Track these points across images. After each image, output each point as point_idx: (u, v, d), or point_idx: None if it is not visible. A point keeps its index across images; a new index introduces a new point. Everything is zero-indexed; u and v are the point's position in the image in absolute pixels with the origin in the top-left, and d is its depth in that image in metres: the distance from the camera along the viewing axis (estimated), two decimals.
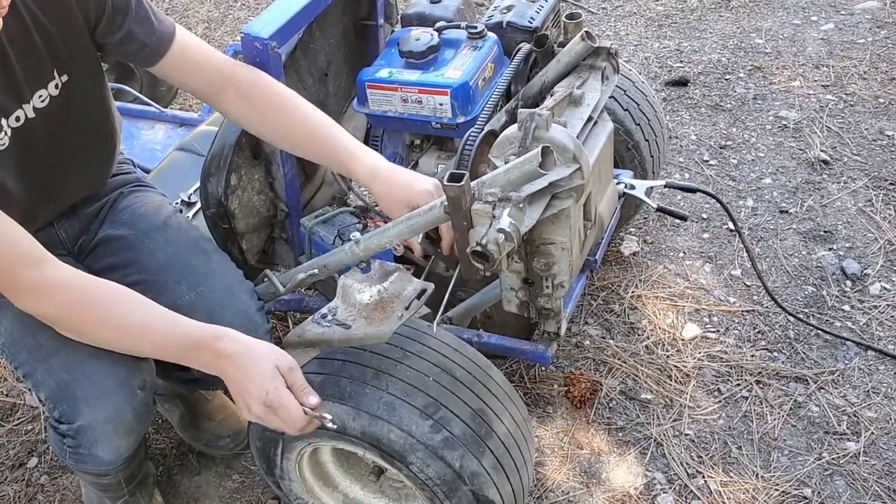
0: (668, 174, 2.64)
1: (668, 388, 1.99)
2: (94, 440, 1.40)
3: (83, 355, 1.37)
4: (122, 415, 1.39)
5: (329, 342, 1.31)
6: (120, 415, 1.39)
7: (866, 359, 2.02)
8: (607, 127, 1.51)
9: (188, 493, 1.87)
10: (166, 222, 1.61)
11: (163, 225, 1.60)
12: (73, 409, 1.38)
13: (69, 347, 1.37)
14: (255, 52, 1.52)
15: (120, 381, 1.38)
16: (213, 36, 3.76)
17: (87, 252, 1.59)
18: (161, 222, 1.60)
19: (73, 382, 1.37)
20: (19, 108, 1.32)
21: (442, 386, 1.36)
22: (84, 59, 1.40)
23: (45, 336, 1.38)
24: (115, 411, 1.39)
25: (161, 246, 1.56)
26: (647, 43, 3.39)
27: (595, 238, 1.59)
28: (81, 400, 1.37)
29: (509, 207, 1.18)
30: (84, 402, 1.37)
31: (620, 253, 2.36)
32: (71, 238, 1.58)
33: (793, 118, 2.84)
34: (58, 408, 1.40)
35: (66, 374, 1.37)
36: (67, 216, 1.56)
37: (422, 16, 1.90)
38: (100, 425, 1.39)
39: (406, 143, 1.89)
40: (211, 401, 1.92)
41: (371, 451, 1.38)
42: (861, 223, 2.40)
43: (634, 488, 1.79)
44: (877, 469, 1.78)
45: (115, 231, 1.58)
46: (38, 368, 1.40)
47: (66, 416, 1.39)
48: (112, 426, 1.40)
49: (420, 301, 1.30)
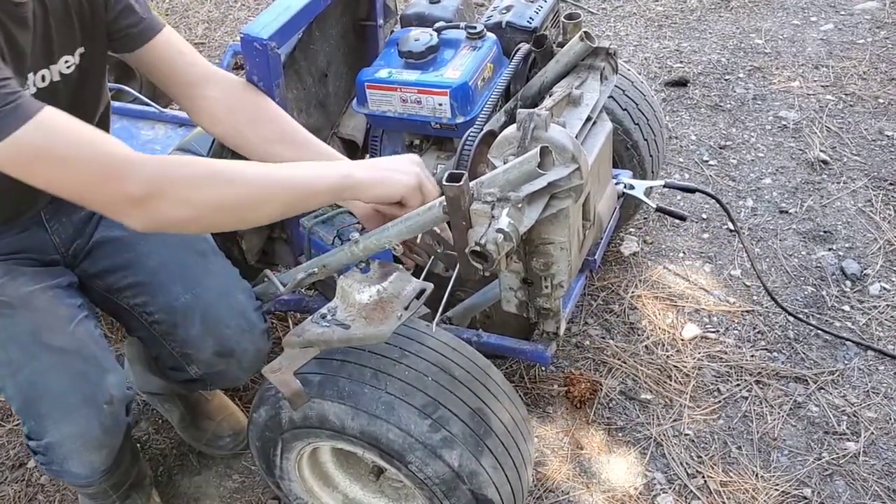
0: (667, 174, 2.64)
1: (668, 388, 1.99)
2: (63, 456, 1.39)
3: (48, 370, 1.36)
4: (90, 431, 1.38)
5: (328, 342, 1.31)
6: (87, 431, 1.38)
7: (866, 359, 2.02)
8: (606, 127, 1.51)
9: (188, 493, 1.87)
10: None
11: None
12: (39, 426, 1.37)
13: (36, 363, 1.36)
14: (255, 52, 1.52)
15: (85, 397, 1.37)
16: (213, 36, 3.77)
17: (81, 256, 1.58)
18: None
19: (38, 399, 1.36)
20: (46, 68, 1.33)
21: (441, 385, 1.36)
22: (100, 34, 1.41)
23: (16, 349, 1.37)
24: (82, 427, 1.37)
25: (156, 248, 1.56)
26: (647, 43, 3.39)
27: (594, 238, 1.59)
28: (47, 416, 1.36)
29: (508, 207, 1.18)
30: (49, 419, 1.36)
31: (620, 253, 2.36)
32: (65, 243, 1.56)
33: (792, 118, 2.85)
34: (26, 423, 1.39)
35: (32, 391, 1.36)
36: (59, 218, 1.54)
37: (421, 16, 1.90)
38: (67, 442, 1.37)
39: (405, 144, 1.89)
40: (211, 401, 1.92)
41: (370, 450, 1.38)
42: (861, 223, 2.40)
43: (634, 488, 1.79)
44: (877, 469, 1.78)
45: (110, 233, 1.57)
46: (7, 383, 1.39)
47: (34, 433, 1.39)
48: (80, 442, 1.38)
49: (419, 301, 1.30)
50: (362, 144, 2.06)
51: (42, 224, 1.52)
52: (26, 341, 1.38)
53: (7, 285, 1.43)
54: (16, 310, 1.41)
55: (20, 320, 1.40)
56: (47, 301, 1.43)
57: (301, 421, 1.40)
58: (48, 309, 1.43)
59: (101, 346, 1.44)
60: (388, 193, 1.29)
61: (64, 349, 1.38)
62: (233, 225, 1.30)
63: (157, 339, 1.57)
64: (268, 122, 1.49)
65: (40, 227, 1.52)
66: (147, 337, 1.59)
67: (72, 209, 1.56)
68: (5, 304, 1.41)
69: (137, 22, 1.42)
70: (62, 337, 1.40)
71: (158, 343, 1.57)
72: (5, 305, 1.41)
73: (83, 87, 1.42)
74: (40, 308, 1.42)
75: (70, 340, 1.40)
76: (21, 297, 1.42)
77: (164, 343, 1.56)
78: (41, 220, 1.52)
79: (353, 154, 2.10)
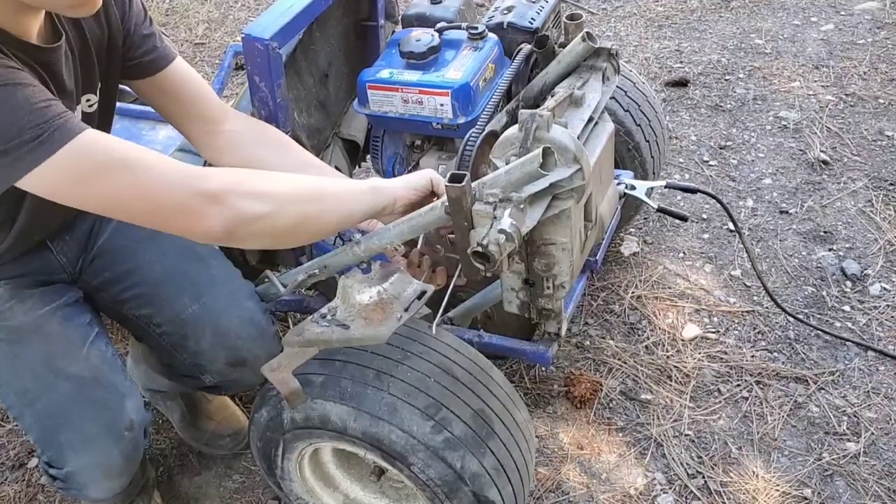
0: (667, 174, 2.64)
1: (669, 389, 1.99)
2: (83, 484, 1.40)
3: (66, 400, 1.35)
4: (110, 459, 1.38)
5: (328, 342, 1.31)
6: (108, 460, 1.38)
7: (866, 359, 2.02)
8: (608, 127, 1.51)
9: (188, 493, 1.87)
10: None
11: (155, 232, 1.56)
12: (59, 456, 1.36)
13: (54, 392, 1.35)
14: (256, 52, 1.52)
15: (105, 426, 1.36)
16: (213, 36, 3.77)
17: (85, 269, 1.57)
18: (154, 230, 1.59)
19: (57, 429, 1.35)
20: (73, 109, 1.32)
21: (443, 387, 1.36)
22: (116, 69, 1.41)
23: (31, 379, 1.36)
24: (103, 457, 1.37)
25: (157, 256, 1.54)
26: (648, 43, 3.39)
27: (596, 239, 1.59)
28: (67, 447, 1.35)
29: (510, 208, 1.18)
30: (69, 449, 1.35)
31: (621, 253, 2.37)
32: (71, 262, 1.54)
33: (793, 118, 2.85)
34: (45, 453, 1.39)
35: (51, 421, 1.35)
36: (63, 237, 1.52)
37: (422, 16, 1.90)
38: (88, 471, 1.37)
39: (407, 144, 1.89)
40: (211, 401, 1.92)
41: (372, 451, 1.38)
42: (861, 223, 2.40)
43: (634, 488, 1.79)
44: (877, 469, 1.78)
45: (110, 243, 1.56)
46: (24, 412, 1.38)
47: (54, 462, 1.38)
48: (101, 471, 1.38)
49: (420, 302, 1.30)
50: (363, 145, 2.06)
51: (46, 246, 1.51)
52: (41, 370, 1.37)
53: (15, 309, 1.41)
54: (26, 336, 1.39)
55: (32, 347, 1.38)
56: (58, 324, 1.42)
57: (303, 422, 1.40)
58: (60, 333, 1.41)
59: (115, 369, 1.43)
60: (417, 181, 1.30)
61: (80, 376, 1.37)
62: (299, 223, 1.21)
63: (167, 349, 1.56)
64: (289, 150, 1.50)
65: (45, 248, 1.51)
66: (157, 347, 1.59)
67: (74, 227, 1.54)
68: (15, 331, 1.39)
69: (153, 48, 1.42)
70: (77, 363, 1.38)
71: (169, 353, 1.57)
72: (15, 332, 1.39)
73: (101, 124, 1.42)
74: (52, 333, 1.40)
75: (86, 366, 1.39)
76: (31, 322, 1.40)
77: (175, 353, 1.56)
78: (45, 243, 1.50)
79: (354, 154, 2.10)
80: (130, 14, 1.39)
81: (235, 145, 1.47)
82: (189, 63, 1.56)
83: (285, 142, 1.52)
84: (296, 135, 1.73)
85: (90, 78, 1.35)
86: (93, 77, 1.35)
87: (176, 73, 1.44)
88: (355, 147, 2.07)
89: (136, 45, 1.40)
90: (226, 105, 1.51)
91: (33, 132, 1.03)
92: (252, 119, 1.54)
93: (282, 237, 1.22)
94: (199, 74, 1.52)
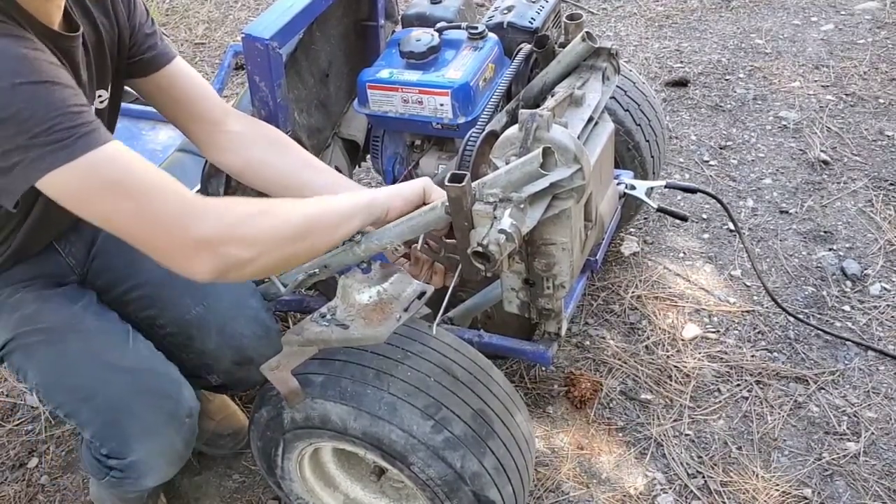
0: (667, 174, 2.64)
1: (669, 389, 1.99)
2: (144, 472, 1.41)
3: (126, 392, 1.36)
4: (174, 446, 1.40)
5: (327, 341, 1.31)
6: (172, 447, 1.40)
7: (866, 359, 2.02)
8: (608, 127, 1.51)
9: (188, 493, 1.87)
10: None
11: None
12: (123, 447, 1.37)
13: (112, 386, 1.36)
14: (257, 52, 1.52)
15: (168, 415, 1.38)
16: (213, 36, 3.77)
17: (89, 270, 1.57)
18: None
19: (120, 421, 1.36)
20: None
21: (443, 386, 1.36)
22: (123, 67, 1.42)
23: (83, 376, 1.37)
24: (167, 444, 1.39)
25: None
26: (648, 43, 3.39)
27: (596, 238, 1.59)
28: (132, 438, 1.36)
29: (510, 208, 1.18)
30: (135, 440, 1.36)
31: (621, 253, 2.37)
32: (80, 262, 1.55)
33: (793, 118, 2.85)
34: (105, 445, 1.39)
35: (113, 414, 1.36)
36: (69, 238, 1.53)
37: (422, 16, 1.90)
38: (152, 459, 1.39)
39: (407, 144, 1.89)
40: (212, 401, 1.92)
41: (372, 451, 1.38)
42: (861, 223, 2.40)
43: (634, 488, 1.79)
44: (877, 469, 1.78)
45: (111, 243, 1.56)
46: (81, 408, 1.38)
47: (115, 453, 1.39)
48: (164, 458, 1.40)
49: (420, 302, 1.30)
50: (363, 145, 2.06)
51: (54, 248, 1.51)
52: (92, 366, 1.37)
53: (43, 311, 1.41)
54: (65, 335, 1.39)
55: (74, 345, 1.39)
56: (94, 321, 1.42)
57: (303, 421, 1.40)
58: (99, 329, 1.42)
59: (164, 360, 1.44)
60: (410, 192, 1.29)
61: (136, 368, 1.38)
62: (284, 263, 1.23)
63: (172, 350, 1.56)
64: (291, 150, 1.50)
65: (52, 251, 1.51)
66: (162, 347, 1.58)
67: (79, 228, 1.55)
68: (50, 331, 1.39)
69: (154, 46, 1.43)
70: (128, 357, 1.39)
71: (175, 354, 1.57)
72: (51, 332, 1.39)
73: (110, 122, 1.43)
74: (91, 330, 1.41)
75: (137, 358, 1.40)
76: (64, 321, 1.40)
77: (180, 354, 1.56)
78: (52, 245, 1.51)
79: (354, 154, 2.10)
80: (135, 13, 1.41)
81: (236, 145, 1.47)
82: (189, 63, 1.57)
83: (285, 142, 1.52)
84: (296, 135, 1.73)
85: (103, 73, 1.36)
86: (105, 73, 1.37)
87: (176, 72, 1.46)
88: (355, 147, 2.07)
89: (140, 42, 1.42)
90: (226, 105, 1.52)
91: (59, 134, 1.04)
92: (252, 119, 1.54)
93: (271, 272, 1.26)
94: (200, 74, 1.52)
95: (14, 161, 1.04)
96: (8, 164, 1.04)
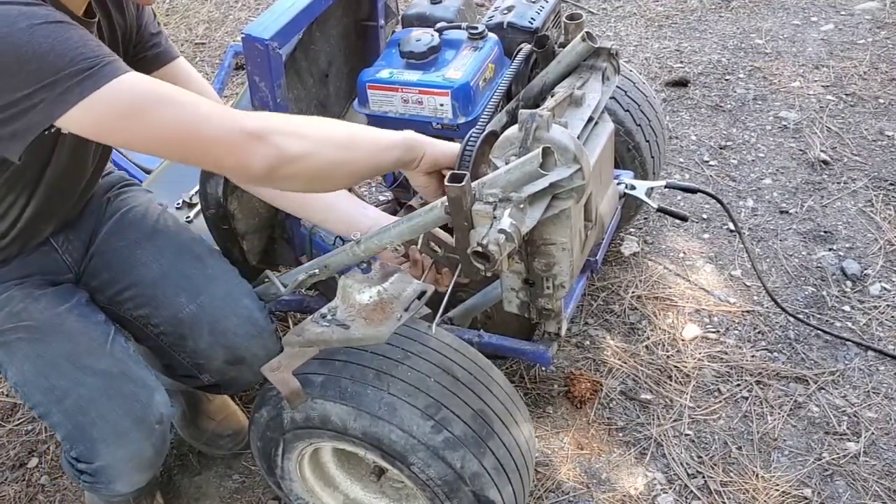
0: (667, 174, 2.64)
1: (668, 389, 1.99)
2: (113, 477, 1.40)
3: (97, 395, 1.35)
4: (142, 453, 1.39)
5: (327, 342, 1.31)
6: (140, 453, 1.39)
7: (866, 359, 2.02)
8: (608, 127, 1.51)
9: (188, 493, 1.87)
10: (155, 228, 1.59)
11: (152, 232, 1.58)
12: (90, 451, 1.37)
13: (83, 388, 1.35)
14: (256, 52, 1.52)
15: (137, 419, 1.37)
16: (213, 36, 3.77)
17: (85, 270, 1.57)
18: (150, 229, 1.59)
19: (89, 424, 1.36)
20: None
21: (443, 386, 1.36)
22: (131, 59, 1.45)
23: (58, 376, 1.36)
24: (135, 450, 1.38)
25: (154, 256, 1.55)
26: (647, 43, 3.39)
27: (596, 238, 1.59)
28: (99, 441, 1.36)
29: (510, 208, 1.18)
30: (102, 444, 1.36)
31: (621, 253, 2.37)
32: (76, 261, 1.55)
33: (793, 118, 2.85)
34: (75, 448, 1.39)
35: (82, 416, 1.36)
36: (68, 235, 1.53)
37: (422, 16, 1.90)
38: (120, 464, 1.38)
39: None
40: (212, 401, 1.92)
41: (372, 451, 1.38)
42: (861, 223, 2.40)
43: (634, 488, 1.79)
44: (877, 469, 1.78)
45: (107, 243, 1.57)
46: (52, 410, 1.38)
47: (84, 457, 1.39)
48: (132, 464, 1.40)
49: (420, 302, 1.30)
50: None
51: (51, 244, 1.51)
52: (67, 367, 1.37)
53: (30, 309, 1.41)
54: (47, 334, 1.39)
55: (55, 346, 1.39)
56: (77, 322, 1.42)
57: (303, 421, 1.40)
58: (81, 331, 1.41)
59: (140, 365, 1.44)
60: (450, 147, 1.32)
61: (108, 372, 1.38)
62: (331, 169, 1.21)
63: (165, 350, 1.56)
64: None
65: (50, 247, 1.51)
66: (156, 347, 1.59)
67: (77, 225, 1.55)
68: (34, 330, 1.40)
69: (158, 44, 1.47)
70: (102, 359, 1.39)
71: (168, 353, 1.57)
72: (35, 330, 1.39)
73: None
74: (73, 331, 1.41)
75: (112, 362, 1.39)
76: (49, 320, 1.41)
77: (173, 353, 1.56)
78: (49, 241, 1.51)
79: None
80: (143, 12, 1.45)
81: None
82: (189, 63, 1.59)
83: None
84: None
85: None
86: None
87: (178, 71, 1.49)
88: None
89: (145, 41, 1.45)
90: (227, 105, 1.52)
91: (84, 64, 1.04)
92: None
93: (316, 180, 1.22)
94: (201, 75, 1.53)
95: (39, 99, 1.04)
96: (32, 103, 1.04)
